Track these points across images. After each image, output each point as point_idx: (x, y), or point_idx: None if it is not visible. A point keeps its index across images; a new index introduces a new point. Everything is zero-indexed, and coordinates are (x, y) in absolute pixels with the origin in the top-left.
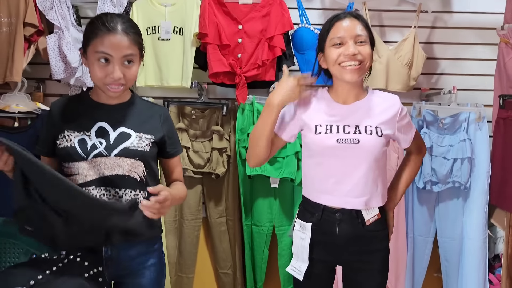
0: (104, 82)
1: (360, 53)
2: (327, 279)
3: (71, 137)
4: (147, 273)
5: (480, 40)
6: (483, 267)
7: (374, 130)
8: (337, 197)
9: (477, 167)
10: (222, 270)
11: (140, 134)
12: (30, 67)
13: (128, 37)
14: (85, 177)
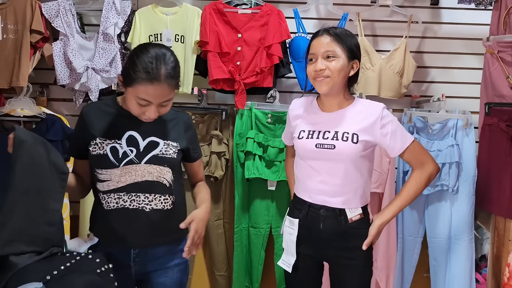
0: (139, 115)
1: (328, 68)
2: (314, 273)
3: (103, 145)
4: (170, 272)
5: (468, 50)
6: (470, 267)
7: (350, 137)
8: (318, 196)
9: (464, 171)
10: (218, 272)
11: (167, 142)
12: (34, 72)
13: (170, 85)
14: (117, 183)
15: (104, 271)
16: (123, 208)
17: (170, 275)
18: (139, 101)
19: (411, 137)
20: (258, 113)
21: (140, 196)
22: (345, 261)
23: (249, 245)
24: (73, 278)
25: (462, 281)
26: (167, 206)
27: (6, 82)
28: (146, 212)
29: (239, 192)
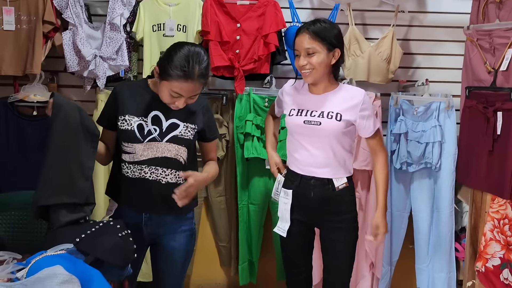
0: (169, 103)
1: (309, 63)
2: (306, 237)
3: (131, 122)
4: (178, 237)
5: (451, 38)
6: (450, 237)
7: (334, 115)
8: (306, 167)
9: (446, 150)
10: (221, 243)
11: (186, 124)
12: (45, 60)
13: (201, 83)
14: (140, 156)
15: (124, 235)
16: (144, 178)
17: (178, 240)
18: (172, 94)
19: (379, 124)
20: (256, 97)
21: (159, 169)
22: (332, 224)
23: (249, 221)
24: (100, 240)
25: (443, 250)
26: (180, 180)
27: (21, 69)
28: (162, 184)
29: (240, 171)
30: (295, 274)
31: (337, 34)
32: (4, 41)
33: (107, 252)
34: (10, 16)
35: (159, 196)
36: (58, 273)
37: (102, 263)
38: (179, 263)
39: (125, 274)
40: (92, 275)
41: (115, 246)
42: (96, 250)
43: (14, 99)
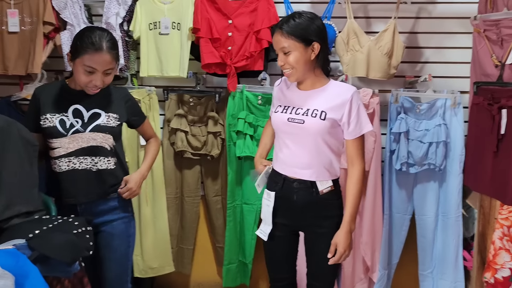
0: (86, 85)
1: (287, 63)
2: (288, 242)
3: (53, 119)
4: (115, 224)
5: (463, 29)
6: (456, 244)
7: (319, 113)
8: (288, 167)
9: (452, 150)
10: (218, 244)
11: (108, 114)
12: (50, 60)
13: (111, 55)
14: (67, 149)
15: (81, 232)
16: (73, 169)
17: (116, 226)
18: (86, 69)
19: (367, 129)
20: (249, 95)
21: (87, 158)
22: (317, 229)
23: (242, 221)
24: (52, 236)
25: (448, 258)
26: (110, 166)
27: (24, 69)
28: (93, 171)
29: (233, 170)
30: (278, 280)
31: (313, 27)
32: (10, 43)
33: (53, 249)
34: (14, 18)
35: (92, 183)
36: None
37: (49, 259)
38: (121, 249)
39: (72, 271)
40: (29, 271)
41: (64, 243)
42: (42, 246)
43: (17, 98)
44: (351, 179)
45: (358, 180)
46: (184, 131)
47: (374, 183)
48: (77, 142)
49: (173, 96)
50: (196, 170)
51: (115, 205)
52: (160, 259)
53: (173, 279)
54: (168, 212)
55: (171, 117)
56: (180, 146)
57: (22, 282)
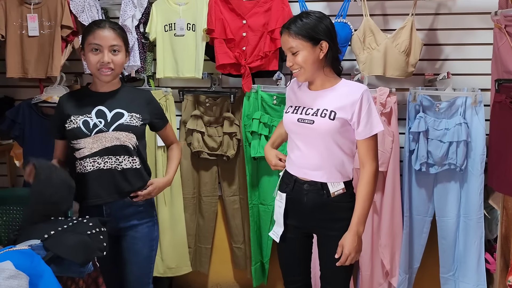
0: (96, 67)
1: (295, 63)
2: (301, 244)
3: (76, 120)
4: (140, 228)
5: (484, 25)
6: (478, 246)
7: (328, 113)
8: (299, 168)
9: (473, 150)
10: (235, 244)
11: (131, 113)
12: (69, 63)
13: (114, 31)
14: (91, 149)
15: (94, 233)
16: (98, 169)
17: (140, 230)
18: (92, 48)
19: (378, 129)
20: (264, 95)
21: (112, 158)
22: (328, 231)
23: (259, 221)
24: (66, 237)
25: (470, 260)
26: (135, 165)
27: (43, 72)
28: (118, 171)
29: (249, 171)
30: (291, 282)
31: (321, 26)
32: (29, 46)
33: (66, 249)
34: (34, 22)
35: (117, 182)
36: (5, 269)
37: (62, 260)
38: (143, 253)
39: (85, 271)
40: (44, 272)
41: (77, 243)
42: (55, 247)
43: (38, 100)
44: (361, 180)
45: (368, 182)
46: (201, 132)
47: (392, 184)
48: (101, 142)
49: (189, 97)
50: (213, 170)
51: (140, 209)
52: (178, 259)
53: (191, 278)
54: (186, 212)
55: (188, 118)
56: (197, 147)
57: (36, 282)
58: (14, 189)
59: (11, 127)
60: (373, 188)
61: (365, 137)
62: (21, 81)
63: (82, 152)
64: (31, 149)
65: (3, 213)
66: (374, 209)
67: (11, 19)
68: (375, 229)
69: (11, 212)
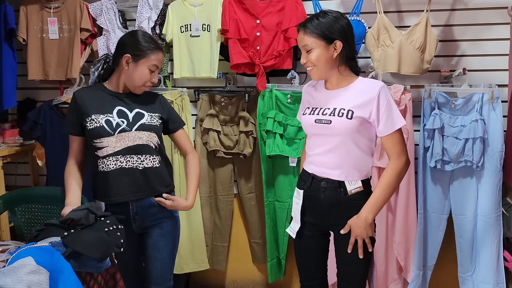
0: (145, 84)
1: (309, 61)
2: (317, 241)
3: (98, 119)
4: (164, 225)
5: (501, 20)
6: (497, 244)
7: (345, 113)
8: (317, 167)
9: (490, 146)
10: (253, 240)
11: (150, 113)
12: (87, 64)
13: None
14: (114, 148)
15: (112, 230)
16: (120, 168)
17: (164, 227)
18: (151, 68)
19: (400, 124)
20: (279, 94)
21: (134, 157)
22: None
23: (275, 218)
24: (84, 234)
25: (489, 259)
26: (155, 164)
27: (63, 74)
28: (139, 170)
29: (265, 169)
30: (307, 280)
31: (337, 26)
32: (49, 49)
33: (84, 245)
34: (54, 26)
35: (139, 181)
36: (27, 264)
37: (81, 256)
38: (167, 249)
39: (103, 267)
40: (63, 267)
41: (95, 240)
42: (75, 244)
43: (58, 102)
44: (384, 171)
45: (391, 174)
46: (217, 131)
47: (407, 181)
48: (124, 141)
49: (204, 97)
50: (229, 169)
51: (164, 208)
52: (195, 256)
53: (208, 275)
54: (202, 210)
55: (203, 117)
56: (213, 146)
57: (56, 277)
58: (36, 188)
59: (33, 128)
60: (395, 181)
61: (388, 134)
62: (42, 83)
63: (105, 150)
64: (52, 149)
65: (26, 211)
66: (388, 206)
67: (32, 23)
68: (390, 226)
69: (34, 210)
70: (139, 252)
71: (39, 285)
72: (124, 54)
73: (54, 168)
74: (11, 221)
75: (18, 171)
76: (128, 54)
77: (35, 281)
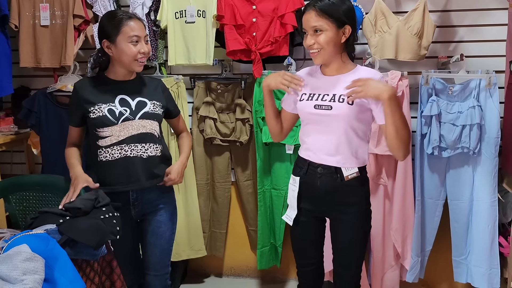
0: (135, 57)
1: (317, 43)
2: (314, 227)
3: (101, 108)
4: (162, 211)
5: (499, 5)
6: (491, 229)
7: (346, 98)
8: (315, 154)
9: (487, 133)
10: (251, 227)
11: (152, 101)
12: (83, 52)
13: (143, 22)
14: (118, 137)
15: (108, 217)
16: (126, 156)
17: (163, 214)
18: (131, 40)
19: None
20: None
21: (138, 146)
22: (341, 215)
23: (272, 206)
24: (79, 221)
25: (483, 243)
26: (158, 153)
27: (57, 62)
28: (144, 159)
29: (260, 156)
30: (304, 265)
31: (347, 10)
32: (42, 36)
33: (79, 233)
34: (46, 12)
35: (143, 170)
36: (22, 251)
37: (76, 243)
38: (166, 236)
39: (99, 254)
40: (59, 254)
41: (90, 227)
42: (69, 231)
43: (52, 89)
44: None
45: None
46: (213, 118)
47: (404, 168)
48: (128, 130)
49: (201, 84)
50: (226, 156)
51: (162, 194)
52: (192, 243)
53: (206, 262)
54: (200, 198)
55: (200, 104)
56: (209, 133)
57: (52, 264)
58: (32, 176)
59: (27, 116)
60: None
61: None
62: (36, 71)
63: (109, 139)
64: (47, 137)
65: (23, 199)
66: (385, 193)
67: (24, 9)
68: (387, 212)
69: (30, 198)
70: (138, 238)
71: (35, 272)
72: (102, 42)
73: (50, 156)
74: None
75: (13, 160)
76: (104, 39)
77: (31, 268)
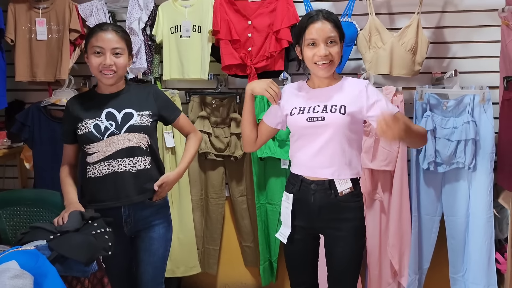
0: (99, 69)
1: (331, 54)
2: (308, 245)
3: (87, 124)
4: (156, 228)
5: (491, 22)
6: (488, 245)
7: (338, 108)
8: (308, 168)
9: (482, 148)
10: (245, 243)
11: (140, 112)
12: (78, 66)
13: (117, 34)
14: (105, 153)
15: (99, 233)
16: (113, 172)
17: (156, 231)
18: (95, 51)
19: (395, 110)
20: None
21: (126, 160)
22: (336, 232)
23: (267, 221)
24: (70, 237)
25: (480, 260)
26: (147, 165)
27: (52, 76)
28: (132, 173)
29: (256, 171)
30: (298, 284)
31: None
32: (38, 50)
33: (70, 249)
34: (42, 27)
35: (132, 185)
36: (10, 268)
37: (67, 259)
38: (159, 253)
39: (89, 271)
40: (48, 271)
41: (81, 243)
42: (60, 247)
43: (47, 103)
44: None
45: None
46: (208, 133)
47: (400, 183)
48: (114, 145)
49: (196, 98)
50: (220, 171)
51: (157, 210)
52: (186, 260)
53: (200, 279)
54: (194, 213)
55: (194, 119)
56: (204, 148)
57: (41, 282)
58: (23, 191)
59: (21, 130)
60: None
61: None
62: (31, 85)
63: (96, 156)
64: (40, 152)
65: (14, 214)
66: (381, 208)
67: (20, 24)
68: (383, 228)
69: (21, 213)
70: (130, 255)
71: None
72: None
73: (42, 171)
74: None
75: (6, 174)
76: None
77: (19, 286)
